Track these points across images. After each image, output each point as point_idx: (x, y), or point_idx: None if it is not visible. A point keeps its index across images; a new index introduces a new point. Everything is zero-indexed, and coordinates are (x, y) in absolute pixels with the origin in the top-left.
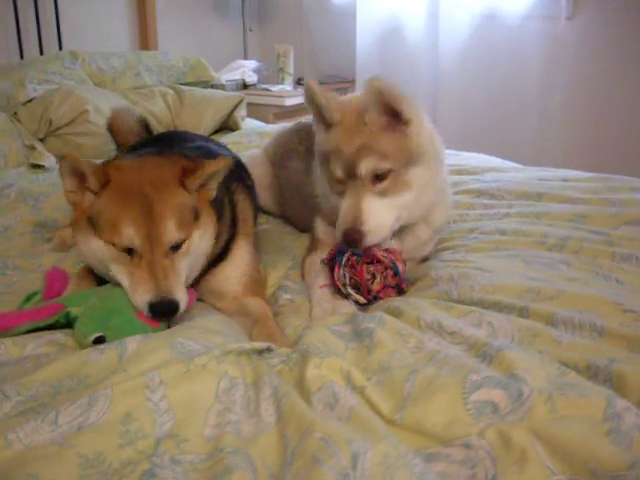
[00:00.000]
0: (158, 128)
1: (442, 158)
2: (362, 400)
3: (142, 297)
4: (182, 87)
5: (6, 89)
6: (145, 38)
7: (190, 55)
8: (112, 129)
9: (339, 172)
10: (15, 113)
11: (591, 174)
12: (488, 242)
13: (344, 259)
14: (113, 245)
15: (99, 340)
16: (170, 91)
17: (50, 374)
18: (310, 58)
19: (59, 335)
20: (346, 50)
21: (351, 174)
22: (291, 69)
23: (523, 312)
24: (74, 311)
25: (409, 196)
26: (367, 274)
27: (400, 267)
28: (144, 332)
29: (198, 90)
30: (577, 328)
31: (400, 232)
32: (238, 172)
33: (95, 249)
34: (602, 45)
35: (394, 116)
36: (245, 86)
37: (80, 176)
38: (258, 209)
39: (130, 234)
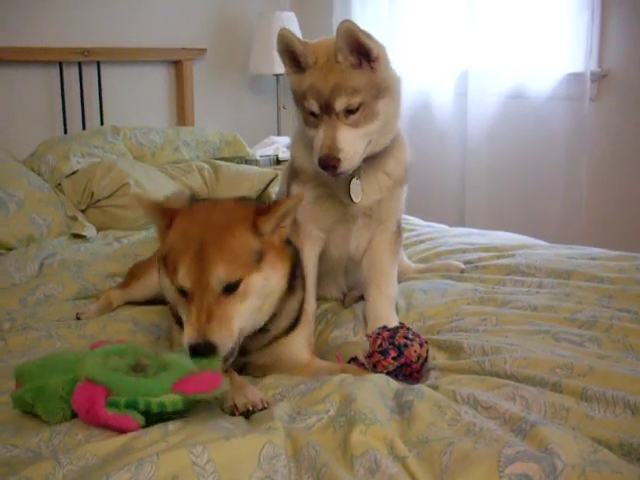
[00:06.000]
0: None
1: (401, 90)
2: (403, 469)
3: (185, 340)
4: (218, 162)
5: (51, 161)
6: (183, 114)
7: (226, 131)
8: None
9: (315, 108)
10: (59, 184)
11: (618, 252)
12: (519, 315)
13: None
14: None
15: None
16: (206, 166)
17: (101, 448)
18: None
19: None
20: None
21: (326, 109)
22: None
23: (556, 387)
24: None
25: (378, 124)
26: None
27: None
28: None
29: (233, 166)
30: (610, 404)
31: (363, 180)
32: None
33: (166, 287)
34: (626, 126)
35: (361, 54)
36: (279, 161)
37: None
38: None
39: (183, 277)
